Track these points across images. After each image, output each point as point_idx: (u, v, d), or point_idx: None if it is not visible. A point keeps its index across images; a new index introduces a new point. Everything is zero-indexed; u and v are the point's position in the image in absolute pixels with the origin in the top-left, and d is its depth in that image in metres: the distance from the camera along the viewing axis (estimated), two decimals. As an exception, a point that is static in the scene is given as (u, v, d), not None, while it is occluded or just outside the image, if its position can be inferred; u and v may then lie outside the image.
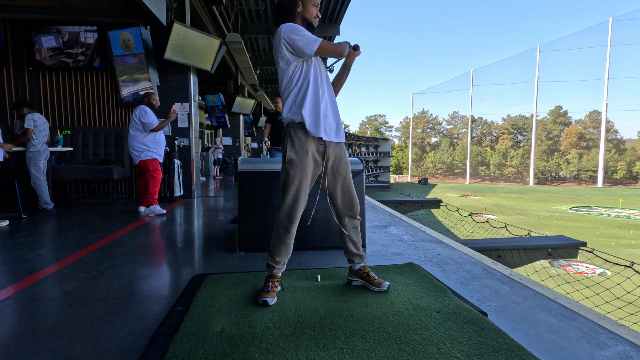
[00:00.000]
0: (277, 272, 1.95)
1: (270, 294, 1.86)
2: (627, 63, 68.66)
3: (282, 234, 1.89)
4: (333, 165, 1.97)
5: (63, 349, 1.49)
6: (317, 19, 2.00)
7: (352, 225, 2.06)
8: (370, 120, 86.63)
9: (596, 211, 26.38)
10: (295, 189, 1.87)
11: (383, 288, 1.98)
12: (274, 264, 1.93)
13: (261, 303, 1.81)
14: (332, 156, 1.96)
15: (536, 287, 2.20)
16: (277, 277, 1.95)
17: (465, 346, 1.45)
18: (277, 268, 1.94)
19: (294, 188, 1.87)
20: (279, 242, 1.91)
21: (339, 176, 2.00)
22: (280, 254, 1.92)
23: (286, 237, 1.89)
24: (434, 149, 71.16)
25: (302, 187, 1.88)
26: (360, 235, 2.11)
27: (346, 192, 2.02)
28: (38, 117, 4.51)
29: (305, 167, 1.88)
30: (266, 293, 1.86)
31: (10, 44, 5.52)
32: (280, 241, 1.90)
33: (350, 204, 2.03)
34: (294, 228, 1.90)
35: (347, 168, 2.02)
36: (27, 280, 2.28)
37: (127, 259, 2.74)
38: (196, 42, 5.64)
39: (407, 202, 11.21)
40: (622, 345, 1.54)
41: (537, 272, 7.05)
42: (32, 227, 3.85)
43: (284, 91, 1.94)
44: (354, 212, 2.05)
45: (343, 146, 2.05)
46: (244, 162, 2.93)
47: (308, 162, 1.88)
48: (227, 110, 11.43)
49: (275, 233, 1.92)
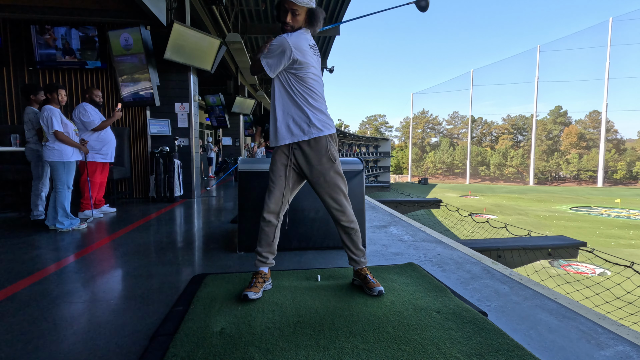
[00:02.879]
0: (259, 265, 2.02)
1: (252, 288, 1.91)
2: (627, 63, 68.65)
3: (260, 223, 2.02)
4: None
5: (63, 349, 1.49)
6: (287, 26, 1.96)
7: (343, 231, 2.05)
8: (370, 120, 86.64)
9: (596, 211, 26.38)
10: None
11: (373, 293, 1.94)
12: (256, 254, 2.04)
13: (242, 297, 1.86)
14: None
15: (536, 287, 2.20)
16: (260, 273, 2.00)
17: (465, 346, 1.45)
18: (258, 259, 2.02)
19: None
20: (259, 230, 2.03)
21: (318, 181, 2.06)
22: (260, 244, 2.01)
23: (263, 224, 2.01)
24: (434, 149, 71.17)
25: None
26: (355, 241, 2.06)
27: (333, 199, 2.04)
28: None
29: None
30: (248, 288, 1.92)
31: (10, 44, 5.52)
32: (260, 229, 2.02)
33: (343, 213, 2.04)
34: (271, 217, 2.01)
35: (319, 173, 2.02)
36: (27, 280, 2.28)
37: (127, 259, 2.74)
38: (196, 42, 5.64)
39: (407, 202, 11.21)
40: (622, 345, 1.54)
41: (537, 272, 7.05)
42: (30, 228, 3.85)
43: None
44: (347, 221, 2.03)
45: (315, 147, 2.01)
46: (244, 162, 2.93)
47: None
48: (227, 110, 11.43)
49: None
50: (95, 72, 5.76)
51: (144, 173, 6.04)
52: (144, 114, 5.92)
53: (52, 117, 3.55)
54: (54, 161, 3.61)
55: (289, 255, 2.80)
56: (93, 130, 4.32)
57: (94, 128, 4.32)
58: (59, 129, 3.57)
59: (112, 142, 4.61)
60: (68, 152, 3.67)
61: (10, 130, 5.00)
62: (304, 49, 1.93)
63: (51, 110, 3.58)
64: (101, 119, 4.45)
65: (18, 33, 5.51)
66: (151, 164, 5.72)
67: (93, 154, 4.33)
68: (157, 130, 5.92)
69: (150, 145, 5.92)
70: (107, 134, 4.50)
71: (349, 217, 2.03)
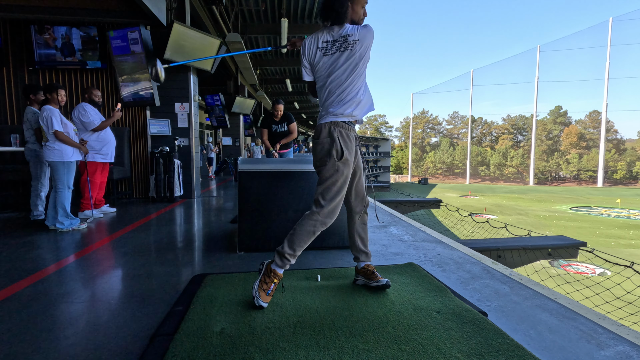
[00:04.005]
0: (284, 267, 1.84)
1: (269, 296, 1.80)
2: (627, 63, 68.68)
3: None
4: (356, 157, 2.02)
5: (63, 349, 1.49)
6: (364, 18, 2.00)
7: (362, 220, 2.10)
8: (370, 120, 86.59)
9: (596, 211, 26.37)
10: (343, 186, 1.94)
11: (382, 282, 1.97)
12: (290, 257, 1.84)
13: (258, 306, 1.77)
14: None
15: (536, 287, 2.20)
16: (280, 277, 1.85)
17: (465, 346, 1.45)
18: (286, 261, 1.83)
19: (345, 185, 1.93)
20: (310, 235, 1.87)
21: (359, 169, 2.05)
22: (301, 245, 1.85)
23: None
24: (434, 149, 71.13)
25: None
26: (367, 233, 2.14)
27: (361, 187, 2.07)
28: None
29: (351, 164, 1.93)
30: (266, 296, 1.79)
31: (10, 44, 5.52)
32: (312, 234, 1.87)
33: (363, 199, 2.09)
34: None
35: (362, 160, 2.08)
36: (27, 280, 2.28)
37: (127, 259, 2.74)
38: (196, 42, 5.64)
39: (407, 202, 11.19)
40: (622, 345, 1.54)
41: (537, 272, 7.05)
42: (30, 228, 3.85)
43: (352, 88, 1.93)
44: (365, 206, 2.10)
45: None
46: (244, 162, 2.93)
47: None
48: (227, 110, 11.44)
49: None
50: (95, 72, 5.76)
51: (144, 173, 6.04)
52: (144, 114, 5.93)
53: (52, 117, 3.55)
54: (55, 161, 3.61)
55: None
56: (93, 131, 4.32)
57: (93, 128, 4.31)
58: (59, 128, 3.57)
59: (112, 142, 4.61)
60: (68, 152, 3.68)
61: (10, 130, 5.00)
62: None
63: (51, 110, 3.58)
64: (101, 119, 4.45)
65: (18, 33, 5.51)
66: (151, 164, 5.73)
67: (93, 154, 4.33)
68: (157, 130, 5.92)
69: (150, 145, 5.92)
70: (107, 134, 4.49)
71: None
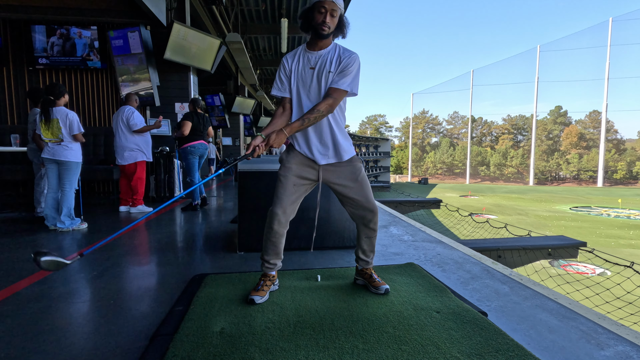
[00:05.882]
0: (268, 270, 1.96)
1: (259, 292, 1.89)
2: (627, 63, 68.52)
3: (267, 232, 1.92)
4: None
5: (63, 348, 1.49)
6: (324, 25, 1.76)
7: (366, 235, 2.00)
8: (370, 120, 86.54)
9: (596, 211, 26.36)
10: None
11: (380, 291, 1.96)
12: (263, 261, 1.97)
13: (248, 301, 1.84)
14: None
15: (536, 287, 2.20)
16: (268, 276, 1.97)
17: (465, 346, 1.45)
18: (266, 266, 1.96)
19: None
20: (265, 239, 1.93)
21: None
22: (267, 252, 1.94)
23: (270, 235, 1.89)
24: (434, 149, 71.12)
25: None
26: (372, 245, 2.04)
27: (354, 204, 1.97)
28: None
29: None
30: (255, 291, 1.89)
31: (10, 44, 5.52)
32: (267, 239, 1.92)
33: (360, 214, 1.97)
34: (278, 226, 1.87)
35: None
36: (27, 280, 2.28)
37: (127, 259, 2.74)
38: (196, 42, 5.65)
39: (407, 202, 11.21)
40: (622, 345, 1.54)
41: (537, 272, 7.04)
42: (31, 228, 3.85)
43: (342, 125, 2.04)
44: (366, 220, 1.97)
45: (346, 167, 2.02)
46: (244, 162, 2.93)
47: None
48: (227, 110, 11.43)
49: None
50: (96, 72, 5.76)
51: (144, 173, 6.03)
52: (144, 114, 5.93)
53: (76, 120, 3.70)
54: (71, 161, 3.69)
55: (289, 255, 2.80)
56: (134, 132, 4.64)
57: (135, 129, 4.63)
58: (82, 131, 3.75)
59: (151, 143, 5.02)
60: (81, 153, 3.84)
61: (10, 130, 5.01)
62: None
63: (72, 114, 3.71)
64: (142, 123, 4.75)
65: (18, 33, 5.51)
66: (151, 164, 5.73)
67: (143, 154, 4.74)
68: (157, 130, 5.91)
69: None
70: (149, 136, 4.92)
71: (376, 219, 1.99)
